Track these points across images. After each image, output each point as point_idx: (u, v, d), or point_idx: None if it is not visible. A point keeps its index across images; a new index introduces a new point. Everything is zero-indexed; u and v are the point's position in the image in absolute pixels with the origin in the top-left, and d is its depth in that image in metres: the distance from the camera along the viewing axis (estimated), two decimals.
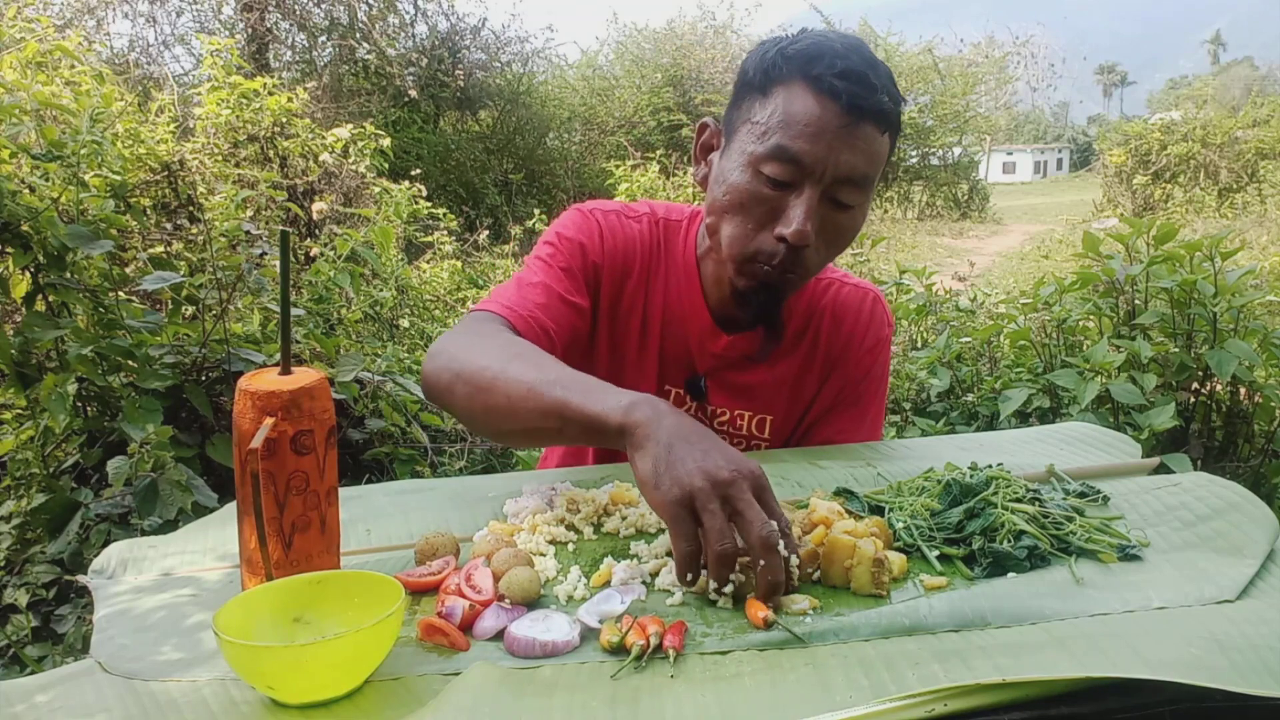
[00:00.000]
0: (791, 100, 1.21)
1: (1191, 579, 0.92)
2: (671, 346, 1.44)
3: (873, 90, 1.20)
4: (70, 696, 0.79)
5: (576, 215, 1.46)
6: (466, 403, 1.16)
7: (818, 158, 1.20)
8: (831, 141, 1.19)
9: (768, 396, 1.46)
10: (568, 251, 1.40)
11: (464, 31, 13.24)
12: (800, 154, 1.20)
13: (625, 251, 1.43)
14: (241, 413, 0.86)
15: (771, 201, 1.23)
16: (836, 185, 1.22)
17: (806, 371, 1.48)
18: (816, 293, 1.48)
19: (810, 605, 0.88)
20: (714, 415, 1.47)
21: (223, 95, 5.54)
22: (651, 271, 1.45)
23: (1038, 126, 77.27)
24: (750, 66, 1.28)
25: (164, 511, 2.06)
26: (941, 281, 4.33)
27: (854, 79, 1.19)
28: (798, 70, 1.22)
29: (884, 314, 1.51)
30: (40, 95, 2.96)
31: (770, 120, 1.22)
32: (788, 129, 1.20)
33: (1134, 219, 3.04)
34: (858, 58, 1.21)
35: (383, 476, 2.98)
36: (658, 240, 1.45)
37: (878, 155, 1.24)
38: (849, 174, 1.21)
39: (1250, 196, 16.65)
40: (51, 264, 2.39)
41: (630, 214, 1.47)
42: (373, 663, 0.79)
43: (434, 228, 6.94)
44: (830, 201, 1.23)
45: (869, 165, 1.23)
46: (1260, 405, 2.93)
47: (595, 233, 1.43)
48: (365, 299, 4.62)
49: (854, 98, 1.19)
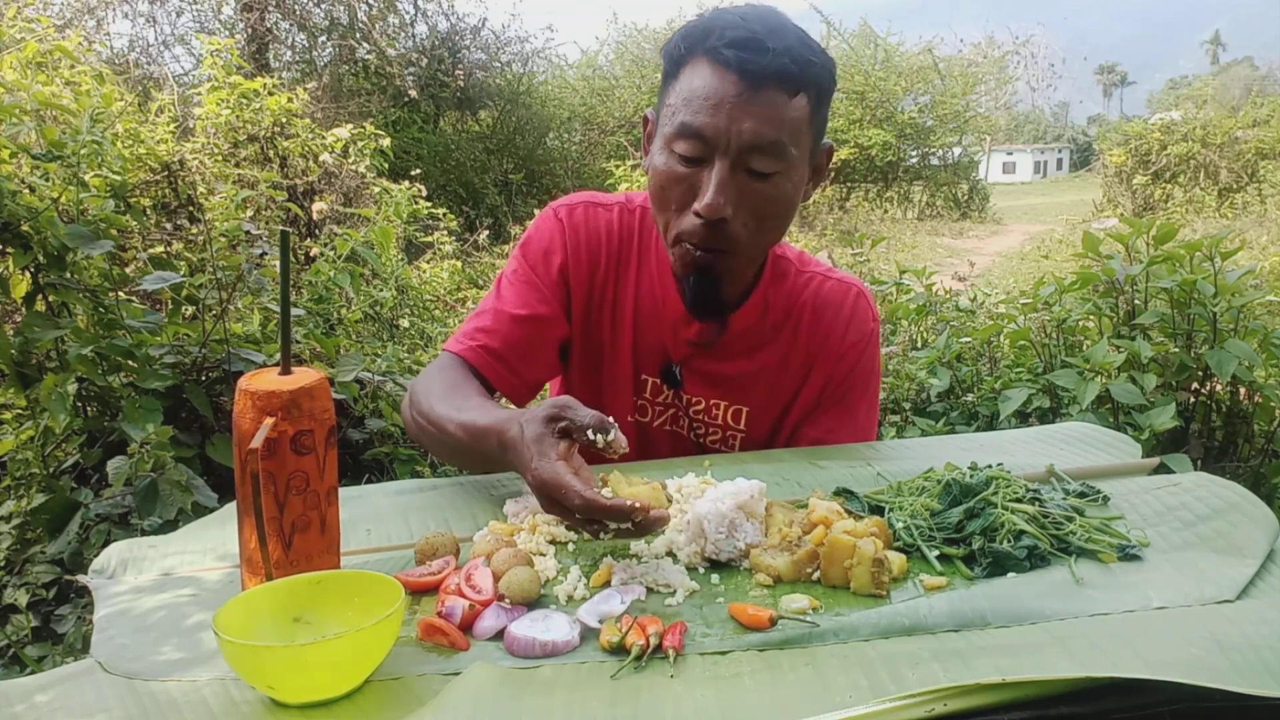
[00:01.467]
0: (693, 77, 1.23)
1: (1191, 579, 0.92)
2: (647, 334, 1.45)
3: (766, 53, 1.18)
4: (70, 696, 0.79)
5: (543, 220, 1.49)
6: (433, 447, 1.37)
7: (719, 129, 1.20)
8: (731, 111, 1.20)
9: (744, 387, 1.46)
10: (531, 264, 1.45)
11: (464, 31, 13.24)
12: (702, 127, 1.21)
13: (591, 244, 1.46)
14: (241, 413, 0.86)
15: (688, 179, 1.25)
16: (747, 154, 1.22)
17: (786, 365, 1.47)
18: (798, 286, 1.47)
19: (810, 605, 0.89)
20: (689, 404, 1.47)
21: (223, 95, 5.54)
22: (622, 260, 1.46)
23: (1038, 126, 77.27)
24: (663, 53, 1.30)
25: (164, 511, 2.06)
26: (941, 281, 4.33)
27: (745, 46, 1.19)
28: (696, 46, 1.23)
29: (868, 309, 1.49)
30: (40, 95, 2.96)
31: (676, 100, 1.24)
32: (690, 105, 1.22)
33: (1134, 219, 3.04)
34: (758, 25, 1.20)
35: (383, 476, 2.98)
36: (630, 229, 1.47)
37: (788, 119, 1.22)
38: (754, 141, 1.20)
39: (1250, 196, 16.64)
40: (51, 264, 2.39)
41: (602, 203, 1.49)
42: (373, 663, 0.79)
43: (434, 228, 6.94)
44: (747, 172, 1.23)
45: (777, 130, 1.21)
46: (1260, 405, 2.93)
47: (559, 235, 1.45)
48: (365, 299, 4.62)
49: (746, 64, 1.18)
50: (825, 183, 1.57)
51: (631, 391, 1.47)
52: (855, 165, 18.18)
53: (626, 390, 1.48)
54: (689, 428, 1.48)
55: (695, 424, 1.48)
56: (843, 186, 18.33)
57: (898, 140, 18.38)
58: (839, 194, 18.04)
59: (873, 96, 18.11)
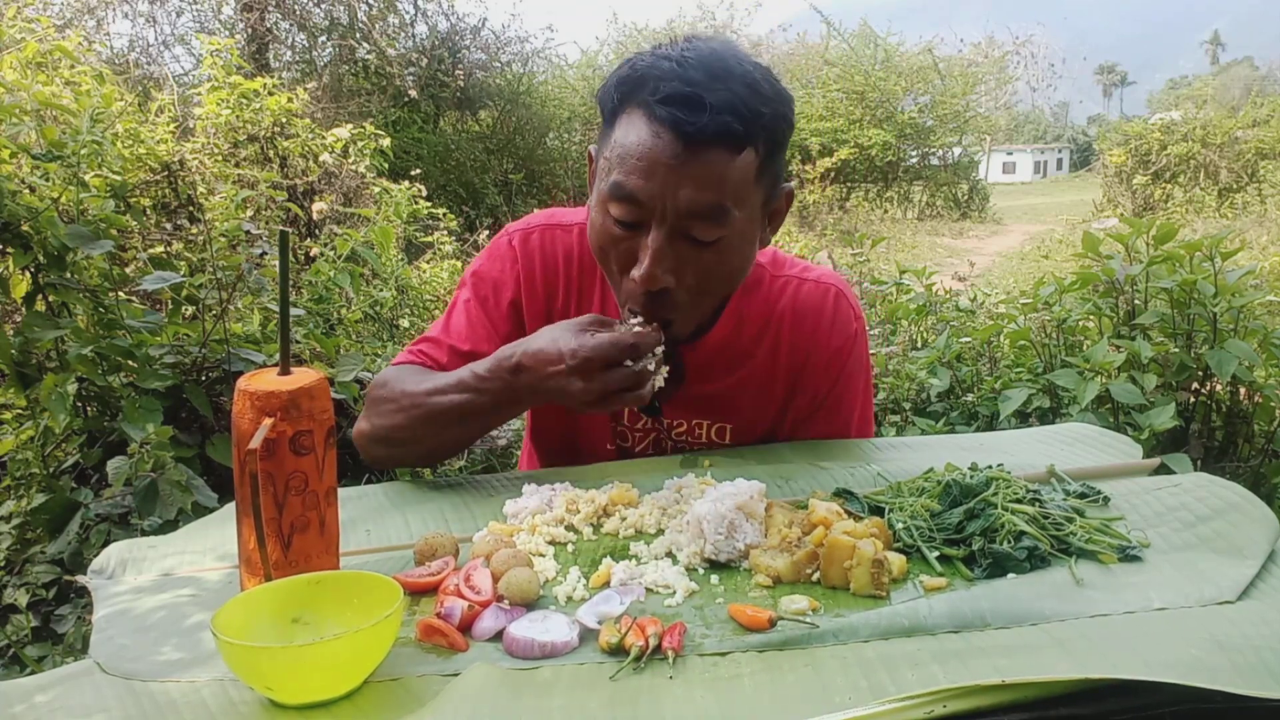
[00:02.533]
0: (628, 130, 1.12)
1: (1191, 580, 0.92)
2: None
3: (705, 112, 1.07)
4: (70, 696, 0.79)
5: (495, 247, 1.43)
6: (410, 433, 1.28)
7: (653, 195, 1.10)
8: (666, 176, 1.09)
9: (726, 405, 1.40)
10: (480, 297, 1.40)
11: (464, 31, 13.22)
12: (635, 191, 1.11)
13: (547, 272, 1.40)
14: (241, 413, 0.86)
15: (625, 242, 1.15)
16: (685, 221, 1.12)
17: (770, 379, 1.40)
18: (773, 293, 1.39)
19: (810, 606, 0.89)
20: (671, 428, 1.42)
21: (223, 95, 5.54)
22: (584, 284, 1.40)
23: (1038, 126, 77.23)
24: (598, 97, 1.21)
25: (164, 511, 2.06)
26: (941, 281, 4.32)
27: (683, 102, 1.07)
28: (630, 98, 1.13)
29: (849, 308, 1.41)
30: (40, 95, 2.96)
31: (612, 154, 1.14)
32: (623, 164, 1.11)
33: (1134, 219, 3.04)
34: (698, 74, 1.09)
35: (383, 476, 2.97)
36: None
37: (731, 181, 1.11)
38: (692, 209, 1.10)
39: (1250, 196, 16.64)
40: (51, 264, 2.39)
41: (561, 224, 1.42)
42: (371, 663, 0.79)
43: (434, 228, 6.93)
44: (686, 239, 1.13)
45: (718, 195, 1.11)
46: (1260, 405, 2.93)
47: (510, 266, 1.40)
48: (365, 299, 4.61)
49: (682, 124, 1.07)
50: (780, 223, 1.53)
51: (608, 421, 1.43)
52: (855, 165, 18.19)
53: (602, 419, 1.43)
54: (674, 450, 1.44)
55: (679, 446, 1.44)
56: (843, 186, 18.33)
57: (898, 140, 18.38)
58: (839, 194, 18.04)
59: (873, 96, 18.11)
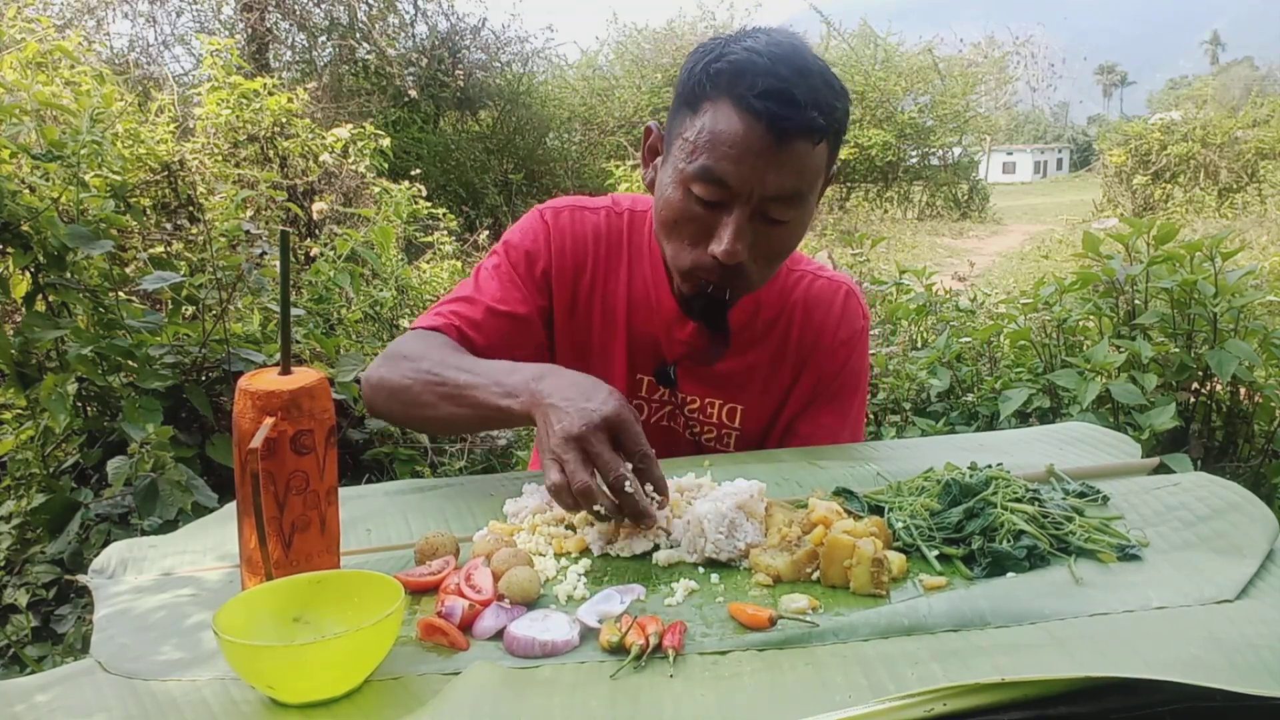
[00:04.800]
0: (717, 119, 1.20)
1: (1191, 579, 0.92)
2: (640, 334, 1.46)
3: (798, 108, 1.17)
4: (70, 696, 0.79)
5: (529, 220, 1.49)
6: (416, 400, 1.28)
7: (744, 180, 1.19)
8: (756, 163, 1.18)
9: (738, 386, 1.48)
10: (513, 261, 1.44)
11: (464, 31, 13.22)
12: (725, 176, 1.20)
13: (577, 248, 1.45)
14: (241, 413, 0.86)
15: (704, 219, 1.24)
16: (767, 203, 1.22)
17: (778, 364, 1.48)
18: (789, 285, 1.48)
19: (810, 605, 0.89)
20: (684, 403, 1.48)
21: (223, 95, 5.54)
22: (610, 262, 1.46)
23: (1038, 126, 77.26)
24: (681, 79, 1.27)
25: (164, 511, 2.06)
26: (941, 281, 4.33)
27: (778, 98, 1.16)
28: (723, 88, 1.20)
29: (858, 307, 1.51)
30: (40, 95, 2.96)
31: (698, 139, 1.21)
32: (713, 150, 1.20)
33: (1134, 219, 3.04)
34: (787, 71, 1.18)
35: (383, 476, 2.98)
36: (618, 231, 1.47)
37: (810, 169, 1.22)
38: (777, 193, 1.21)
39: (1250, 196, 16.65)
40: (51, 264, 2.39)
41: (588, 207, 1.49)
42: (372, 663, 0.79)
43: (434, 228, 6.93)
44: (763, 218, 1.23)
45: (799, 181, 1.22)
46: (1260, 405, 2.93)
47: (543, 237, 1.45)
48: (365, 299, 4.61)
49: (778, 119, 1.16)
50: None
51: (626, 390, 1.48)
52: (855, 165, 18.18)
53: (621, 389, 1.47)
54: (685, 425, 1.50)
55: (691, 422, 1.49)
56: (843, 186, 18.33)
57: (898, 140, 18.37)
58: (839, 194, 18.04)
59: (873, 96, 18.10)
